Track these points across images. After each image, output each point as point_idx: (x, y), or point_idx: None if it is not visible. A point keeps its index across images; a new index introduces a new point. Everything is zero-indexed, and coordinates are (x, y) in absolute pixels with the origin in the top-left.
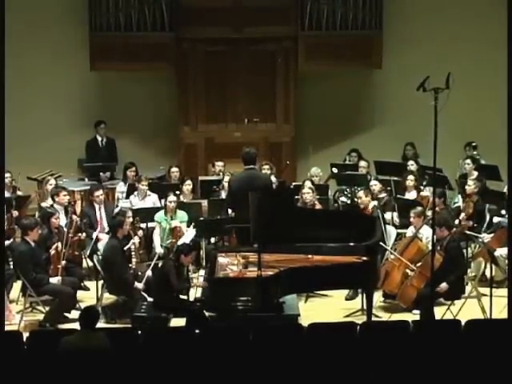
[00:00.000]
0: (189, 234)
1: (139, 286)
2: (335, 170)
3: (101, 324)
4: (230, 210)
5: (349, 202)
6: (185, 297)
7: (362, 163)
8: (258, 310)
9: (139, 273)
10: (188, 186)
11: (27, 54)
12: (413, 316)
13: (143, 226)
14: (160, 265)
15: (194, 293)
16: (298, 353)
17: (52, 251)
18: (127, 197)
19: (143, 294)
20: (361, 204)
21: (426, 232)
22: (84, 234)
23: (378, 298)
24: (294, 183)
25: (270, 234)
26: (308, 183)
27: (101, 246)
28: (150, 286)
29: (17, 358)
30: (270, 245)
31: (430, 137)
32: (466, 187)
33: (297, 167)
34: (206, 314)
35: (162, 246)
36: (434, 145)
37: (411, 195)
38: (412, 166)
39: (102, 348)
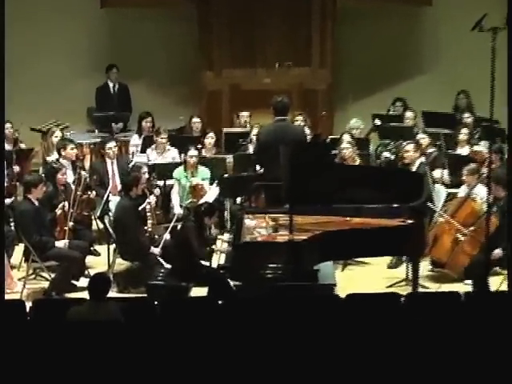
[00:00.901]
0: (211, 193)
1: (155, 250)
2: (378, 122)
3: (112, 293)
4: (258, 167)
5: (393, 157)
6: (207, 263)
7: (408, 114)
8: (289, 279)
9: (156, 236)
10: (211, 139)
11: None
12: (464, 287)
13: (160, 183)
14: (179, 227)
15: (218, 259)
16: (334, 327)
17: (58, 211)
18: (142, 151)
19: (160, 259)
20: (406, 160)
21: (481, 192)
22: (94, 193)
23: (424, 266)
24: (330, 136)
25: (304, 193)
26: (347, 137)
27: (113, 205)
28: (167, 251)
29: (19, 330)
30: (303, 205)
31: (486, 84)
32: None
33: (334, 118)
34: (231, 282)
35: (181, 206)
36: (490, 93)
37: (464, 150)
38: (466, 117)
39: (113, 320)
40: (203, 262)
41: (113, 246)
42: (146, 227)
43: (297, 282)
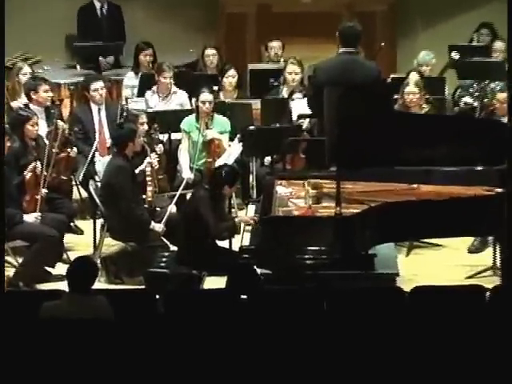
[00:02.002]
0: (232, 152)
1: (157, 227)
2: (456, 56)
3: (100, 284)
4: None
5: (476, 104)
6: (225, 245)
7: (498, 44)
8: (335, 266)
9: (157, 208)
10: (231, 78)
11: None
12: None
13: (164, 138)
14: (189, 197)
15: (240, 239)
16: (396, 330)
17: (27, 174)
18: (140, 94)
19: (163, 239)
20: (497, 109)
21: None
22: (75, 150)
23: None
24: (392, 76)
25: (356, 152)
26: (414, 76)
27: (100, 167)
28: (173, 229)
29: None
30: (355, 168)
31: None
32: None
33: (397, 51)
34: (257, 270)
35: (191, 168)
36: None
37: None
38: None
39: (100, 319)
40: (220, 244)
41: (100, 221)
42: (144, 196)
43: (346, 271)
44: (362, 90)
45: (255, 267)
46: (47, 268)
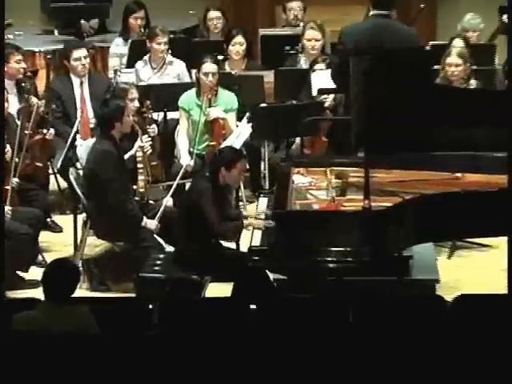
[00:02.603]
0: (240, 134)
1: (151, 224)
2: (507, 19)
3: (82, 291)
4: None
5: None
6: (232, 245)
7: None
8: (363, 271)
9: (151, 201)
10: (239, 46)
11: None
12: None
13: (158, 117)
14: (188, 188)
15: (250, 239)
16: (436, 345)
17: None
18: (130, 64)
19: (157, 238)
20: None
21: None
22: (52, 131)
23: None
24: (431, 43)
25: (389, 133)
26: (458, 43)
27: (83, 152)
28: (169, 226)
29: None
30: (387, 153)
31: None
32: None
33: (437, 13)
34: (270, 276)
35: (191, 153)
36: None
37: None
38: None
39: (82, 332)
40: (226, 244)
41: (82, 217)
42: (135, 187)
43: (376, 277)
44: (396, 59)
45: (267, 272)
46: (19, 272)
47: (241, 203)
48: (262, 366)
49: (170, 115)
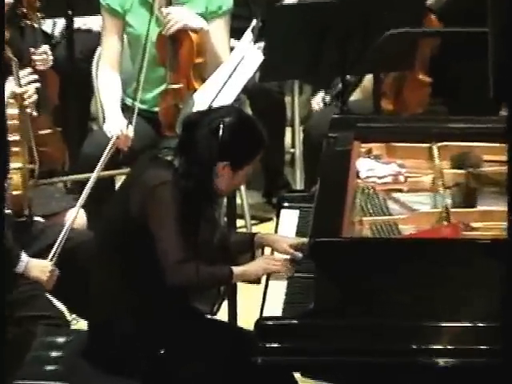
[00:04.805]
0: (238, 66)
1: (38, 268)
2: None
3: None
4: None
5: None
6: (221, 313)
7: None
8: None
9: (37, 218)
10: None
11: None
12: None
13: (56, 28)
14: (122, 184)
15: (260, 302)
16: None
17: None
18: None
19: (52, 301)
20: None
21: None
22: None
23: None
24: None
25: None
26: None
27: None
28: (78, 272)
29: None
30: None
31: None
32: None
33: None
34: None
35: (128, 108)
36: None
37: None
38: None
39: None
40: (206, 311)
41: None
42: (5, 184)
43: None
44: None
45: (290, 374)
46: None
47: (240, 222)
48: None
49: (81, 23)
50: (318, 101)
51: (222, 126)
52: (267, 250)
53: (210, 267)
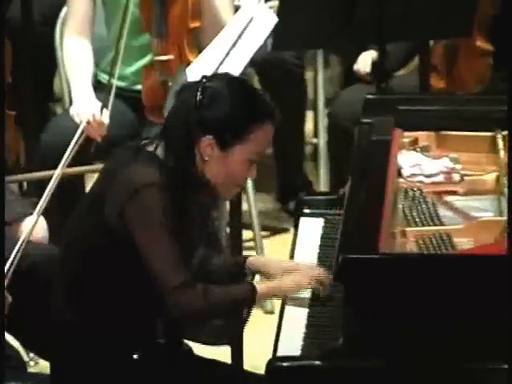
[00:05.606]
0: (243, 32)
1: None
2: None
3: None
4: None
5: None
6: (223, 354)
7: None
8: None
9: None
10: None
11: None
12: None
13: None
14: (96, 183)
15: (274, 334)
16: None
17: None
18: None
19: (7, 339)
20: None
21: None
22: None
23: None
24: None
25: None
26: None
27: None
28: (36, 298)
29: None
30: None
31: None
32: None
33: None
34: None
35: (104, 86)
36: None
37: None
38: None
39: None
40: (205, 351)
41: None
42: None
43: None
44: None
45: None
46: None
47: (247, 233)
48: None
49: None
50: (366, 62)
51: (201, 87)
52: None
53: (222, 287)
